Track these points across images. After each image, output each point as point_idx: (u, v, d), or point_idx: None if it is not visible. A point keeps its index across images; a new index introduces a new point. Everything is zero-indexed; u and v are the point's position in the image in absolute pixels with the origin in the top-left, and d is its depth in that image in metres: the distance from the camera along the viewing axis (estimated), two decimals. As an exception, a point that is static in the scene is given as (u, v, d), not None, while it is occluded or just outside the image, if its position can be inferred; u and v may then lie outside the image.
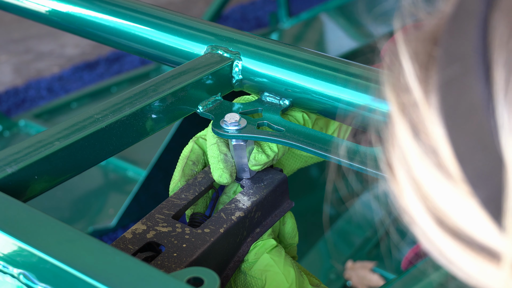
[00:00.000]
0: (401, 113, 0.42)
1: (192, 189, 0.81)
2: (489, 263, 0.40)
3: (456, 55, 0.39)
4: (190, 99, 0.84)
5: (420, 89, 0.41)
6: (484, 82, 0.37)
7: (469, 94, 0.38)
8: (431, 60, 0.41)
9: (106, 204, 2.22)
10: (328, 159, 0.77)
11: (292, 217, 0.87)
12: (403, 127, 0.42)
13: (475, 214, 0.39)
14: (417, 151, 0.41)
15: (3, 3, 1.10)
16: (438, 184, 0.40)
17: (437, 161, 0.40)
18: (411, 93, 0.41)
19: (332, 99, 0.82)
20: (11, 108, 2.70)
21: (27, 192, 0.70)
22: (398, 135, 0.42)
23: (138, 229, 0.75)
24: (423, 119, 0.41)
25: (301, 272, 0.82)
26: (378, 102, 0.79)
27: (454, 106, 0.39)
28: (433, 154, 0.40)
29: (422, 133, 0.41)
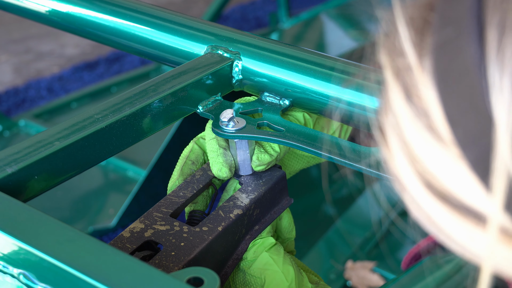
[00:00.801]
0: (395, 77, 0.42)
1: (191, 186, 0.81)
2: (476, 227, 0.40)
3: (451, 18, 0.39)
4: (190, 99, 0.84)
5: (414, 53, 0.41)
6: (477, 43, 0.38)
7: (462, 56, 0.38)
8: (427, 25, 0.42)
9: (106, 204, 2.22)
10: (328, 159, 0.77)
11: (288, 211, 0.87)
12: (396, 91, 0.42)
13: (464, 176, 0.39)
14: (409, 114, 0.41)
15: (3, 3, 1.10)
16: (429, 147, 0.41)
17: (428, 124, 0.40)
18: (405, 57, 0.42)
19: (332, 99, 0.82)
20: (11, 108, 2.69)
21: (27, 192, 0.70)
22: (391, 99, 0.43)
23: (136, 228, 0.75)
24: (416, 83, 0.41)
25: (301, 270, 0.82)
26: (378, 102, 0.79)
27: (447, 68, 0.39)
28: (425, 117, 0.40)
29: (415, 96, 0.41)
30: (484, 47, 0.38)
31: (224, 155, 0.81)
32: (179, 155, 0.86)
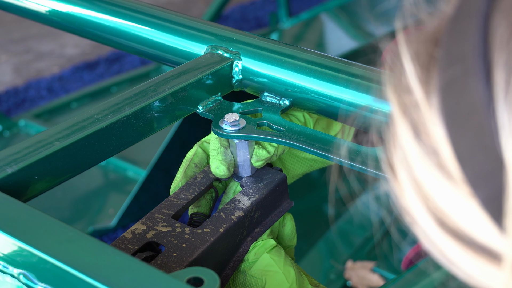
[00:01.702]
0: (403, 113, 0.42)
1: (192, 188, 0.81)
2: (489, 264, 0.40)
3: (457, 56, 0.39)
4: (190, 99, 0.84)
5: (421, 90, 0.41)
6: (484, 83, 0.38)
7: (470, 95, 0.38)
8: (432, 61, 0.41)
9: (106, 204, 2.22)
10: (328, 159, 0.77)
11: (291, 219, 0.87)
12: (405, 128, 0.42)
13: (476, 214, 0.39)
14: (418, 152, 0.41)
15: (3, 3, 1.10)
16: (439, 185, 0.40)
17: (437, 162, 0.40)
18: (412, 94, 0.42)
19: (332, 99, 0.82)
20: (11, 108, 2.70)
21: (27, 192, 0.70)
22: (399, 136, 0.43)
23: (137, 229, 0.75)
24: (424, 120, 0.41)
25: (301, 272, 0.82)
26: (379, 102, 0.79)
27: (455, 107, 0.39)
28: (434, 155, 0.40)
29: (423, 133, 0.41)
30: (492, 87, 0.37)
31: (224, 153, 0.81)
32: (179, 155, 0.86)
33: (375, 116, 0.79)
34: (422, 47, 0.42)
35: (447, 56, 0.40)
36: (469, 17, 0.39)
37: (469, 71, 0.38)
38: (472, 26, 0.39)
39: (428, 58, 0.42)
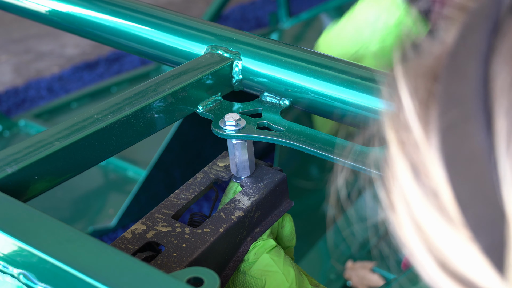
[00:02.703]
0: (401, 151, 0.41)
1: (192, 189, 0.81)
2: None
3: (456, 98, 0.38)
4: (190, 99, 0.84)
5: (420, 127, 0.40)
6: (485, 132, 0.37)
7: (470, 142, 0.37)
8: (431, 97, 0.40)
9: (106, 204, 2.22)
10: (328, 159, 0.77)
11: (291, 220, 0.87)
12: (403, 167, 0.41)
13: (476, 259, 0.39)
14: (418, 193, 0.40)
15: (3, 3, 1.10)
16: (439, 227, 0.40)
17: (437, 204, 0.39)
18: (411, 131, 0.41)
19: (332, 99, 0.82)
20: (11, 108, 2.69)
21: (27, 192, 0.70)
22: (398, 174, 0.42)
23: (137, 229, 0.75)
24: (424, 160, 0.40)
25: (301, 272, 0.82)
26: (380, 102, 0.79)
27: (455, 151, 0.38)
28: (434, 197, 0.40)
29: (423, 174, 0.40)
30: (493, 136, 0.37)
31: None
32: (179, 155, 0.86)
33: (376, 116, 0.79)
34: (420, 82, 0.41)
35: (446, 96, 0.39)
36: (468, 57, 0.38)
37: (469, 116, 0.37)
38: (472, 67, 0.38)
39: (427, 94, 0.41)
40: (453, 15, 0.42)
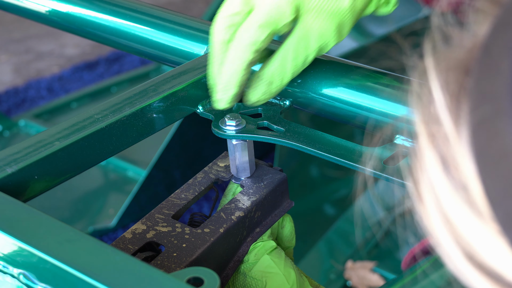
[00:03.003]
0: (431, 144, 0.41)
1: (192, 189, 0.81)
2: None
3: (488, 93, 0.38)
4: (190, 99, 0.84)
5: (451, 121, 0.40)
6: None
7: (501, 138, 0.37)
8: (463, 91, 0.40)
9: (106, 204, 2.22)
10: (328, 159, 0.77)
11: (291, 220, 0.87)
12: (433, 159, 0.41)
13: (505, 253, 0.39)
14: (447, 185, 0.40)
15: (3, 3, 1.10)
16: (468, 220, 0.40)
17: (467, 198, 0.40)
18: (441, 125, 0.41)
19: (332, 99, 0.82)
20: (11, 108, 2.70)
21: (27, 192, 0.70)
22: (427, 166, 0.42)
23: (138, 229, 0.75)
24: (454, 153, 0.40)
25: (301, 274, 0.82)
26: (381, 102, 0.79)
27: (486, 147, 0.38)
28: (463, 190, 0.40)
29: (452, 167, 0.40)
30: None
31: None
32: (179, 155, 0.86)
33: (376, 116, 0.79)
34: (452, 75, 0.41)
35: (478, 92, 0.39)
36: (501, 53, 0.38)
37: (501, 113, 0.37)
38: (505, 64, 0.38)
39: (458, 87, 0.41)
40: (485, 7, 0.42)
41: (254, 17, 0.72)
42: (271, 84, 0.75)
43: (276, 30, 0.73)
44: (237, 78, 0.75)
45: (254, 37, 0.72)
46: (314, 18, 0.74)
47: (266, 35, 0.72)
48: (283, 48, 0.75)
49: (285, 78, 0.76)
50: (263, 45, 0.73)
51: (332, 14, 0.74)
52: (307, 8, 0.73)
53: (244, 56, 0.73)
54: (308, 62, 0.76)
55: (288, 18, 0.72)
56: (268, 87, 0.76)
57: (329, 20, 0.74)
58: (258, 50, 0.73)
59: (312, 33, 0.74)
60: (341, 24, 0.75)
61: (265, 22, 0.72)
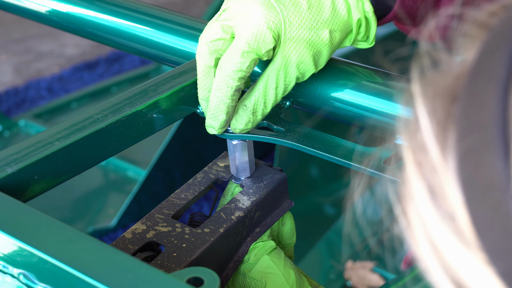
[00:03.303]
0: (418, 172, 0.41)
1: (192, 189, 0.81)
2: None
3: (475, 123, 0.38)
4: (190, 99, 0.84)
5: (438, 150, 0.40)
6: (503, 161, 0.37)
7: (488, 169, 0.37)
8: (449, 118, 0.40)
9: (106, 204, 2.22)
10: (328, 159, 0.77)
11: (291, 217, 0.87)
12: (420, 188, 0.41)
13: (492, 282, 0.39)
14: (435, 214, 0.40)
15: (3, 3, 1.10)
16: (455, 248, 0.40)
17: (454, 227, 0.39)
18: (428, 153, 0.40)
19: (332, 99, 0.82)
20: (11, 108, 2.70)
21: (27, 192, 0.70)
22: (414, 194, 0.41)
23: (137, 229, 0.75)
24: (441, 183, 0.40)
25: (301, 274, 0.82)
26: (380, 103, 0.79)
27: (473, 177, 0.38)
28: (451, 220, 0.39)
29: (440, 196, 0.40)
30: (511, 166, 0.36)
31: None
32: (179, 155, 0.86)
33: (376, 116, 0.79)
34: (439, 102, 0.41)
35: (465, 121, 0.39)
36: (488, 82, 0.38)
37: (488, 144, 0.37)
38: (492, 93, 0.38)
39: (445, 115, 0.40)
40: (473, 32, 0.41)
41: (236, 45, 0.73)
42: (255, 112, 0.77)
43: (258, 57, 0.74)
44: (224, 105, 0.76)
45: (238, 65, 0.73)
46: (293, 47, 0.75)
47: (248, 62, 0.73)
48: (264, 77, 0.77)
49: (268, 107, 0.77)
50: (247, 72, 0.74)
51: (311, 44, 0.76)
52: (287, 37, 0.75)
53: (229, 84, 0.74)
54: (288, 90, 0.78)
55: (269, 45, 0.74)
56: (253, 116, 0.77)
57: (307, 51, 0.75)
58: (242, 78, 0.74)
59: (291, 63, 0.76)
60: (318, 54, 0.77)
61: (247, 50, 0.73)
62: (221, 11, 0.76)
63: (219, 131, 0.79)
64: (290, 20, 0.74)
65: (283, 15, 0.74)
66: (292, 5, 0.74)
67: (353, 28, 0.78)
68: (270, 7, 0.74)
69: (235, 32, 0.74)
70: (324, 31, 0.75)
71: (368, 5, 0.77)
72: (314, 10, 0.75)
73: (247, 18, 0.73)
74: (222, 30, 0.74)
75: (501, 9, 0.41)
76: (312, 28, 0.75)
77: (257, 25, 0.73)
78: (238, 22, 0.74)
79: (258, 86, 0.77)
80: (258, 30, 0.73)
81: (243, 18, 0.74)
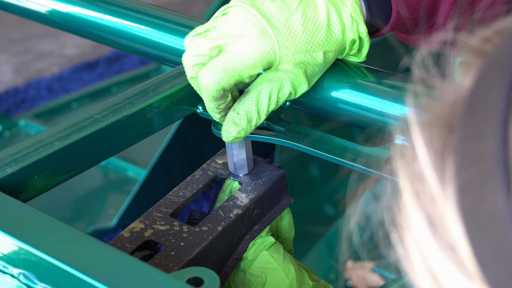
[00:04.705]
0: (416, 202, 0.40)
1: (190, 186, 0.81)
2: None
3: (475, 155, 0.37)
4: (190, 99, 0.84)
5: (436, 180, 0.39)
6: (505, 194, 0.36)
7: (489, 203, 0.37)
8: (447, 148, 0.39)
9: (106, 204, 2.22)
10: (328, 159, 0.77)
11: (289, 212, 0.87)
12: (419, 218, 0.40)
13: None
14: (434, 245, 0.40)
15: (3, 3, 1.10)
16: (456, 280, 0.39)
17: (455, 259, 0.39)
18: (426, 183, 0.40)
19: (332, 99, 0.82)
20: (11, 108, 2.70)
21: (27, 192, 0.71)
22: (412, 224, 0.41)
23: (135, 228, 0.75)
24: (440, 213, 0.39)
25: (301, 268, 0.82)
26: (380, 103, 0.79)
27: (473, 210, 0.37)
28: (451, 251, 0.39)
29: (439, 227, 0.39)
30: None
31: None
32: (179, 155, 0.86)
33: (376, 116, 0.79)
34: (435, 132, 0.40)
35: (463, 153, 0.38)
36: (487, 113, 0.37)
37: (488, 177, 0.37)
38: (491, 125, 0.37)
39: (443, 144, 0.40)
40: (468, 59, 0.41)
41: (220, 62, 0.72)
42: (250, 122, 0.76)
43: (239, 79, 0.73)
44: (216, 110, 0.76)
45: (217, 79, 0.72)
46: (288, 68, 0.75)
47: (227, 79, 0.72)
48: (258, 87, 0.75)
49: (262, 116, 0.76)
50: (226, 86, 0.73)
51: (305, 65, 0.76)
52: (282, 60, 0.74)
53: (210, 94, 0.73)
54: (280, 104, 0.77)
55: (254, 72, 0.73)
56: (247, 125, 0.76)
57: (301, 71, 0.76)
58: (222, 89, 0.73)
59: (285, 81, 0.76)
60: (312, 75, 0.78)
61: (231, 72, 0.72)
62: (211, 27, 0.75)
63: (221, 120, 0.79)
64: (285, 45, 0.74)
65: (278, 40, 0.73)
66: (287, 30, 0.74)
67: (346, 47, 0.79)
68: (264, 33, 0.73)
69: (224, 49, 0.73)
70: (318, 53, 0.76)
71: (363, 26, 0.77)
72: (309, 33, 0.75)
73: (239, 43, 0.72)
74: (210, 48, 0.74)
75: (495, 35, 0.41)
76: (307, 51, 0.75)
77: (248, 56, 0.72)
78: (228, 42, 0.73)
79: (250, 95, 0.75)
80: (249, 60, 0.72)
81: (235, 41, 0.73)
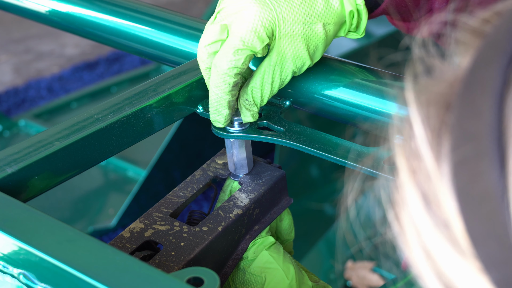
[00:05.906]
0: (412, 179, 0.41)
1: (190, 186, 0.81)
2: None
3: (470, 133, 0.38)
4: (190, 99, 0.84)
5: (432, 157, 0.40)
6: (498, 171, 0.36)
7: (483, 180, 0.37)
8: (444, 126, 0.40)
9: (106, 204, 2.22)
10: (328, 159, 0.77)
11: (289, 213, 0.87)
12: (414, 195, 0.41)
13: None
14: (428, 222, 0.40)
15: (3, 3, 1.10)
16: (449, 257, 0.40)
17: (448, 235, 0.39)
18: (422, 161, 0.40)
19: (332, 99, 0.82)
20: (11, 108, 2.70)
21: (27, 192, 0.71)
22: (408, 201, 0.41)
23: (136, 228, 0.75)
24: (435, 190, 0.40)
25: (300, 269, 0.82)
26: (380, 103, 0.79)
27: (468, 187, 0.38)
28: (445, 227, 0.39)
29: (434, 204, 0.40)
30: (507, 176, 0.36)
31: None
32: (179, 155, 0.87)
33: (376, 116, 0.79)
34: (432, 110, 0.41)
35: (459, 130, 0.38)
36: (483, 91, 0.38)
37: (483, 154, 0.37)
38: (487, 103, 0.37)
39: (439, 123, 0.40)
40: (466, 39, 0.41)
41: (230, 43, 0.74)
42: (254, 105, 0.78)
43: (253, 54, 0.75)
44: (224, 101, 0.77)
45: (233, 62, 0.74)
46: (288, 42, 0.76)
47: (243, 59, 0.74)
48: (261, 72, 0.77)
49: (264, 100, 0.79)
50: (242, 68, 0.75)
51: (305, 38, 0.77)
52: (281, 33, 0.75)
53: (226, 80, 0.75)
54: (285, 84, 0.78)
55: (263, 42, 0.75)
56: (255, 108, 0.78)
57: (302, 45, 0.76)
58: (238, 73, 0.75)
59: (287, 58, 0.77)
60: (313, 48, 0.78)
61: (241, 47, 0.74)
62: (216, 13, 0.77)
63: (224, 124, 0.80)
64: (284, 16, 0.75)
65: (276, 11, 0.75)
66: (285, 1, 0.75)
67: (347, 19, 0.79)
68: (263, 4, 0.75)
69: (230, 30, 0.75)
70: (318, 25, 0.76)
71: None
72: (307, 5, 0.76)
73: (241, 16, 0.74)
74: (219, 31, 0.75)
75: (494, 16, 0.41)
76: (306, 22, 0.76)
77: (251, 23, 0.74)
78: (232, 20, 0.75)
79: (255, 80, 0.78)
80: (252, 27, 0.74)
81: (238, 16, 0.75)
